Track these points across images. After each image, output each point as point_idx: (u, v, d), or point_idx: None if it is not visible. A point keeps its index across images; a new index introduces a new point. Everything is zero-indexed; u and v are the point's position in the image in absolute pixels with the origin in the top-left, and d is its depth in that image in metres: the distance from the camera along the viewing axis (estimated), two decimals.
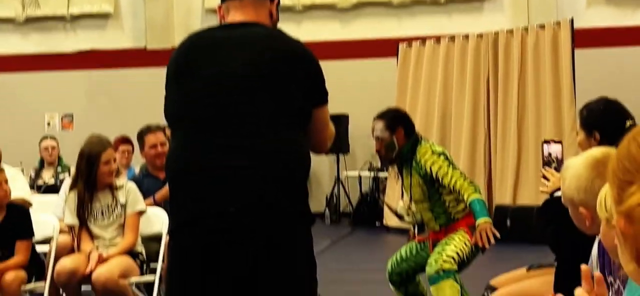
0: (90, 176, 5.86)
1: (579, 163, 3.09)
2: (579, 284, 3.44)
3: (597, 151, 3.13)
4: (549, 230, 4.05)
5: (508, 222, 10.84)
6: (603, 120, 4.34)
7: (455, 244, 5.48)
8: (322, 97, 3.18)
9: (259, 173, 2.96)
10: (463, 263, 5.49)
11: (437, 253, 5.47)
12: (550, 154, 4.35)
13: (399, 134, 5.72)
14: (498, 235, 5.36)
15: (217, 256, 2.97)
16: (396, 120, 5.78)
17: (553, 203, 4.10)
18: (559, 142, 4.45)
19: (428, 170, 5.56)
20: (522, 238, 10.20)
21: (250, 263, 2.97)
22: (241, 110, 3.01)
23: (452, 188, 5.49)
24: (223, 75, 3.05)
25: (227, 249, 2.96)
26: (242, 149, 2.97)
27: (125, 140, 8.79)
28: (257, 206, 2.96)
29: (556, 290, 3.69)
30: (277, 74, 3.05)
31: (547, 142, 4.43)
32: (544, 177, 4.26)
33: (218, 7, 3.31)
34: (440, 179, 5.53)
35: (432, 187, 5.64)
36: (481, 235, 5.29)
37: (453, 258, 5.41)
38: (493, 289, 4.56)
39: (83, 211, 5.88)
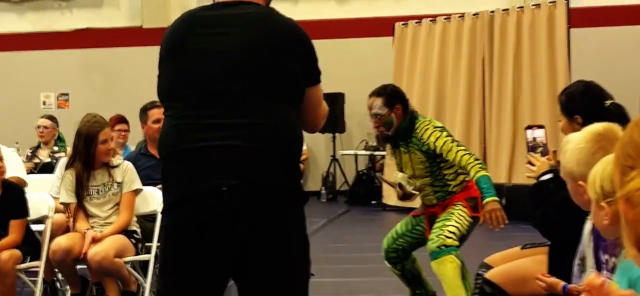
0: (88, 155, 5.87)
1: (580, 137, 3.10)
2: (570, 264, 3.46)
3: (599, 125, 3.14)
4: (538, 213, 4.06)
5: (503, 201, 10.85)
6: (583, 103, 4.34)
7: (456, 219, 5.49)
8: (315, 76, 3.18)
9: (251, 151, 2.96)
10: (463, 237, 5.50)
11: (438, 228, 5.47)
12: (534, 139, 4.36)
13: (397, 111, 5.70)
14: (506, 219, 5.35)
15: (210, 234, 2.97)
16: (394, 97, 5.75)
17: (541, 186, 4.12)
18: (542, 126, 4.44)
19: (431, 145, 5.55)
20: (517, 217, 10.20)
21: (244, 241, 2.97)
22: (234, 89, 3.01)
23: (457, 163, 5.48)
24: (216, 54, 3.05)
25: (219, 227, 2.96)
26: (235, 127, 2.97)
27: (121, 119, 8.78)
28: (250, 184, 2.96)
29: (551, 271, 3.71)
30: (270, 53, 3.04)
31: (530, 127, 4.43)
32: (530, 163, 4.27)
33: None
34: (443, 154, 5.51)
35: (434, 162, 5.63)
36: (491, 217, 5.30)
37: (454, 234, 5.41)
38: (488, 267, 4.57)
39: (81, 190, 5.89)
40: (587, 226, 3.22)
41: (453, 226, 5.45)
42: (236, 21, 3.08)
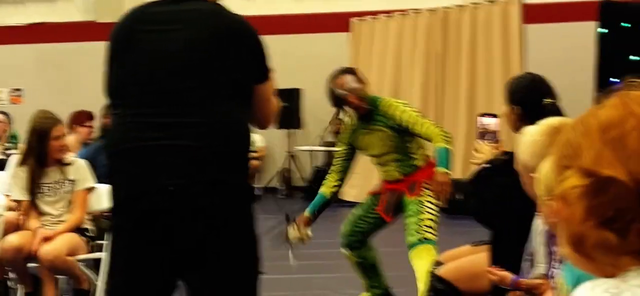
0: (41, 151, 5.81)
1: (535, 129, 3.14)
2: (513, 257, 3.50)
3: (554, 119, 3.18)
4: (473, 202, 4.12)
5: (460, 196, 10.92)
6: (523, 97, 4.38)
7: (428, 211, 5.58)
8: (264, 73, 3.17)
9: (202, 150, 2.95)
10: (437, 225, 5.60)
11: (414, 224, 5.54)
12: (485, 126, 4.40)
13: (367, 87, 5.84)
14: (454, 195, 5.47)
15: (158, 233, 2.95)
16: (357, 74, 5.88)
17: (480, 175, 4.18)
18: (495, 115, 4.49)
19: (397, 119, 5.64)
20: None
21: (197, 241, 2.96)
22: (181, 87, 2.99)
23: (425, 134, 5.56)
24: (164, 52, 3.03)
25: (167, 227, 2.94)
26: (184, 125, 2.95)
27: (90, 115, 8.70)
28: (203, 184, 2.95)
29: (493, 263, 3.74)
30: (217, 50, 3.03)
31: (482, 115, 4.48)
32: (477, 150, 4.32)
33: None
34: (409, 127, 5.59)
35: (400, 137, 5.70)
36: (438, 190, 5.44)
37: (432, 229, 5.53)
38: (440, 264, 4.60)
39: (34, 187, 5.82)
40: (537, 221, 3.25)
41: (429, 220, 5.56)
42: (184, 18, 3.06)
